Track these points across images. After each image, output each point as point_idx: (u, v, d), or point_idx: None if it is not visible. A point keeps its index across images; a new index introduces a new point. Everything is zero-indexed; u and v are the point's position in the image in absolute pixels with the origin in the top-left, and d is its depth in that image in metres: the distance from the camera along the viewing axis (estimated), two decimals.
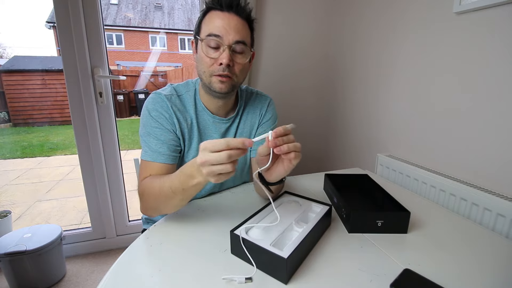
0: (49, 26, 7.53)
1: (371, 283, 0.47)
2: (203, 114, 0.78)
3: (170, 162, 0.71)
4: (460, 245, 0.60)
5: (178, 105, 0.74)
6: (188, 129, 0.75)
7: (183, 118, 0.74)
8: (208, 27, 0.65)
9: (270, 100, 0.92)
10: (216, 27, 0.64)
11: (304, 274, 0.49)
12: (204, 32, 0.66)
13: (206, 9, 0.68)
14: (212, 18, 0.65)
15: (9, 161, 3.73)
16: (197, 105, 0.77)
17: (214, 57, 0.66)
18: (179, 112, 0.73)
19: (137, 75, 6.98)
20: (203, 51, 0.66)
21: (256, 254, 0.50)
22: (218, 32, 0.64)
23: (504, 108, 0.75)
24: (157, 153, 0.70)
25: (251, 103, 0.86)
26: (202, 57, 0.67)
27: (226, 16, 0.65)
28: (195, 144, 0.76)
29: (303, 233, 0.53)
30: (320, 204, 0.67)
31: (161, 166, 0.70)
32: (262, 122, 0.87)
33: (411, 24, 1.03)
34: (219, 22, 0.64)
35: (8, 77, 4.99)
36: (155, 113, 0.70)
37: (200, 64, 0.69)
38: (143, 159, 0.71)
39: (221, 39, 0.64)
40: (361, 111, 1.36)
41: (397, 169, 1.06)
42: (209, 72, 0.68)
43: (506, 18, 0.73)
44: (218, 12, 0.65)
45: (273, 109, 0.91)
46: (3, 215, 1.63)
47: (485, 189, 0.78)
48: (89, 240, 1.55)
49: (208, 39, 0.65)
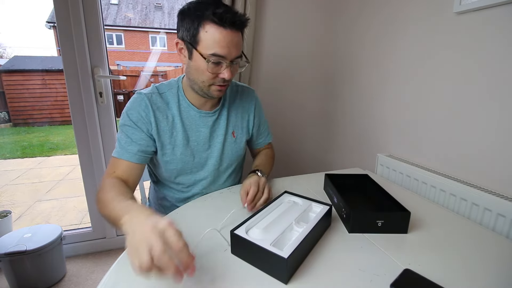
0: (49, 26, 7.53)
1: (371, 283, 0.47)
2: (189, 110, 0.79)
3: (135, 161, 0.72)
4: (460, 245, 0.60)
5: (159, 103, 0.75)
6: (169, 126, 0.77)
7: (163, 116, 0.76)
8: (212, 45, 0.65)
9: (254, 92, 0.95)
10: (220, 48, 0.65)
11: (304, 274, 0.49)
12: (205, 48, 0.65)
13: (201, 18, 0.64)
14: (214, 35, 0.64)
15: (9, 161, 3.73)
16: (180, 102, 0.79)
17: (216, 72, 0.69)
18: (159, 111, 0.75)
19: (137, 75, 6.98)
20: (207, 68, 0.67)
21: (256, 254, 0.50)
22: (223, 53, 0.66)
23: (504, 108, 0.75)
24: (124, 150, 0.71)
25: (235, 95, 0.90)
26: (203, 70, 0.68)
27: (229, 34, 0.65)
28: (179, 141, 0.78)
29: (303, 233, 0.53)
30: (320, 204, 0.67)
31: (126, 163, 0.71)
32: (255, 116, 0.92)
33: (411, 24, 1.03)
34: (223, 42, 0.65)
35: (8, 77, 5.00)
36: (131, 112, 0.73)
37: (198, 74, 0.70)
38: (112, 155, 0.73)
39: (225, 58, 0.67)
40: (361, 111, 1.36)
41: (397, 169, 1.06)
42: (209, 82, 0.71)
43: (506, 18, 0.73)
44: (220, 29, 0.64)
45: (259, 101, 0.96)
46: (3, 215, 1.63)
47: (485, 189, 0.78)
48: (89, 240, 1.55)
49: (213, 58, 0.66)
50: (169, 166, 0.80)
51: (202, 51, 0.66)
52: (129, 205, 0.52)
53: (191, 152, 0.81)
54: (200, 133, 0.81)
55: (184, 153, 0.79)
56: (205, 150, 0.83)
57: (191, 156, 0.81)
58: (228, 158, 0.88)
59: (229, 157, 0.88)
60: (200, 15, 0.64)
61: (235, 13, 0.65)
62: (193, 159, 0.81)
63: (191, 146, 0.80)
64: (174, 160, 0.79)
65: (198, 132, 0.81)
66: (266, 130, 1.00)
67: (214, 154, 0.84)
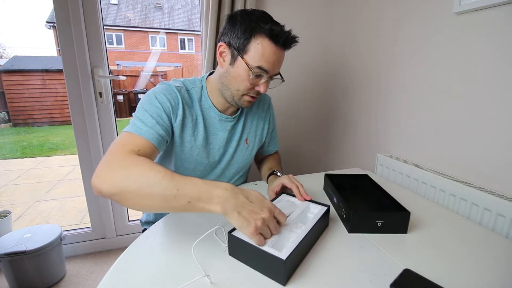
0: (49, 26, 7.52)
1: (371, 283, 0.47)
2: (210, 111, 0.78)
3: (156, 144, 0.62)
4: (460, 245, 0.60)
5: (187, 99, 0.74)
6: (193, 124, 0.75)
7: (189, 113, 0.74)
8: (260, 58, 0.65)
9: (270, 100, 0.95)
10: (267, 63, 0.66)
11: (303, 275, 0.49)
12: (253, 59, 0.66)
13: (257, 30, 0.64)
14: (266, 49, 0.65)
15: (9, 161, 3.73)
16: (203, 102, 0.77)
17: (254, 84, 0.69)
18: (187, 106, 0.73)
19: (137, 75, 6.96)
20: (248, 77, 0.67)
21: (254, 256, 0.49)
22: (268, 68, 0.67)
23: (504, 108, 0.75)
24: (148, 128, 0.62)
25: (255, 102, 0.89)
26: (242, 80, 0.68)
27: (278, 52, 0.67)
28: (199, 141, 0.76)
29: (302, 234, 0.53)
30: (318, 204, 0.67)
31: (146, 143, 0.60)
32: (269, 125, 0.94)
33: (411, 24, 1.03)
34: (271, 58, 0.66)
35: (8, 77, 4.99)
36: (161, 97, 0.68)
37: (236, 82, 0.70)
38: (127, 131, 0.61)
39: (267, 73, 0.68)
40: (361, 111, 1.36)
41: (397, 169, 1.06)
42: (244, 92, 0.71)
43: (506, 18, 0.73)
44: (272, 45, 0.65)
45: (273, 111, 0.97)
46: (3, 215, 1.63)
47: (485, 189, 0.78)
48: (89, 240, 1.55)
49: (257, 70, 0.66)
50: (182, 164, 0.78)
51: (249, 60, 0.66)
52: (208, 181, 0.52)
53: (207, 154, 0.79)
54: (218, 137, 0.80)
55: (200, 154, 0.77)
56: (220, 154, 0.82)
57: (206, 158, 0.79)
58: (237, 165, 0.87)
59: (238, 164, 0.87)
60: (255, 27, 0.64)
61: (289, 33, 0.66)
62: (207, 161, 0.80)
63: (208, 148, 0.79)
64: (189, 159, 0.77)
65: (215, 136, 0.80)
66: (276, 138, 1.01)
67: (225, 159, 0.84)
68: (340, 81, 1.51)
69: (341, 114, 1.53)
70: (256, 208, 0.50)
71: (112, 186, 0.51)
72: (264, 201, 0.53)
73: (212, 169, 0.83)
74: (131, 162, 0.53)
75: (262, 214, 0.50)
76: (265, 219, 0.50)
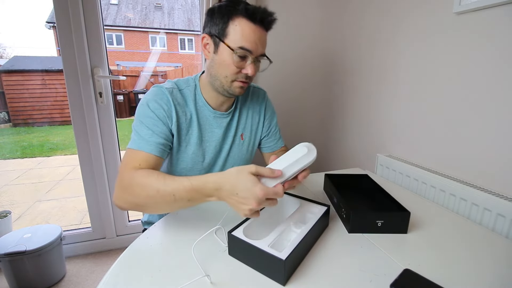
0: (49, 26, 7.52)
1: (371, 283, 0.47)
2: (204, 109, 0.78)
3: (157, 154, 0.67)
4: (460, 245, 0.60)
5: (179, 99, 0.74)
6: (187, 123, 0.75)
7: (182, 112, 0.74)
8: (240, 38, 0.65)
9: (265, 94, 0.95)
10: (249, 42, 0.66)
11: (302, 275, 0.49)
12: (234, 41, 0.66)
13: (233, 13, 0.65)
14: (244, 29, 0.65)
15: (9, 161, 3.73)
16: (197, 101, 0.78)
17: (240, 66, 0.69)
18: (179, 106, 0.73)
19: (137, 75, 6.97)
20: (232, 60, 0.67)
21: (253, 256, 0.49)
22: (251, 48, 0.66)
23: (504, 108, 0.75)
24: (145, 142, 0.66)
25: (246, 96, 0.89)
26: (228, 64, 0.68)
27: (258, 30, 0.66)
28: (194, 139, 0.76)
29: (301, 234, 0.53)
30: (318, 204, 0.67)
31: (147, 156, 0.65)
32: (265, 119, 0.92)
33: (411, 25, 1.03)
34: (252, 37, 0.66)
35: (8, 77, 4.99)
36: (153, 104, 0.69)
37: (222, 68, 0.70)
38: (129, 148, 0.67)
39: (251, 53, 0.67)
40: (361, 111, 1.36)
41: (397, 169, 1.06)
42: (232, 78, 0.70)
43: (506, 18, 0.73)
44: (250, 24, 0.65)
45: (270, 103, 0.96)
46: (3, 215, 1.63)
47: (485, 189, 0.78)
48: (89, 240, 1.55)
49: (240, 51, 0.66)
50: (179, 164, 0.78)
51: (229, 43, 0.66)
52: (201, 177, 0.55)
53: (203, 152, 0.79)
54: (213, 134, 0.80)
55: (195, 152, 0.78)
56: (216, 152, 0.82)
57: (201, 156, 0.79)
58: (233, 162, 0.86)
59: (235, 160, 0.86)
60: (231, 10, 0.65)
61: (265, 10, 0.66)
62: (203, 160, 0.80)
63: (203, 146, 0.79)
64: (185, 159, 0.77)
65: (211, 133, 0.80)
66: (278, 134, 0.97)
67: (222, 157, 0.83)
68: (340, 81, 1.51)
69: (341, 114, 1.53)
70: (241, 199, 0.50)
71: (127, 204, 0.61)
72: (253, 189, 0.49)
73: (210, 168, 0.83)
74: (132, 181, 0.60)
75: (248, 206, 0.50)
76: (252, 210, 0.50)
